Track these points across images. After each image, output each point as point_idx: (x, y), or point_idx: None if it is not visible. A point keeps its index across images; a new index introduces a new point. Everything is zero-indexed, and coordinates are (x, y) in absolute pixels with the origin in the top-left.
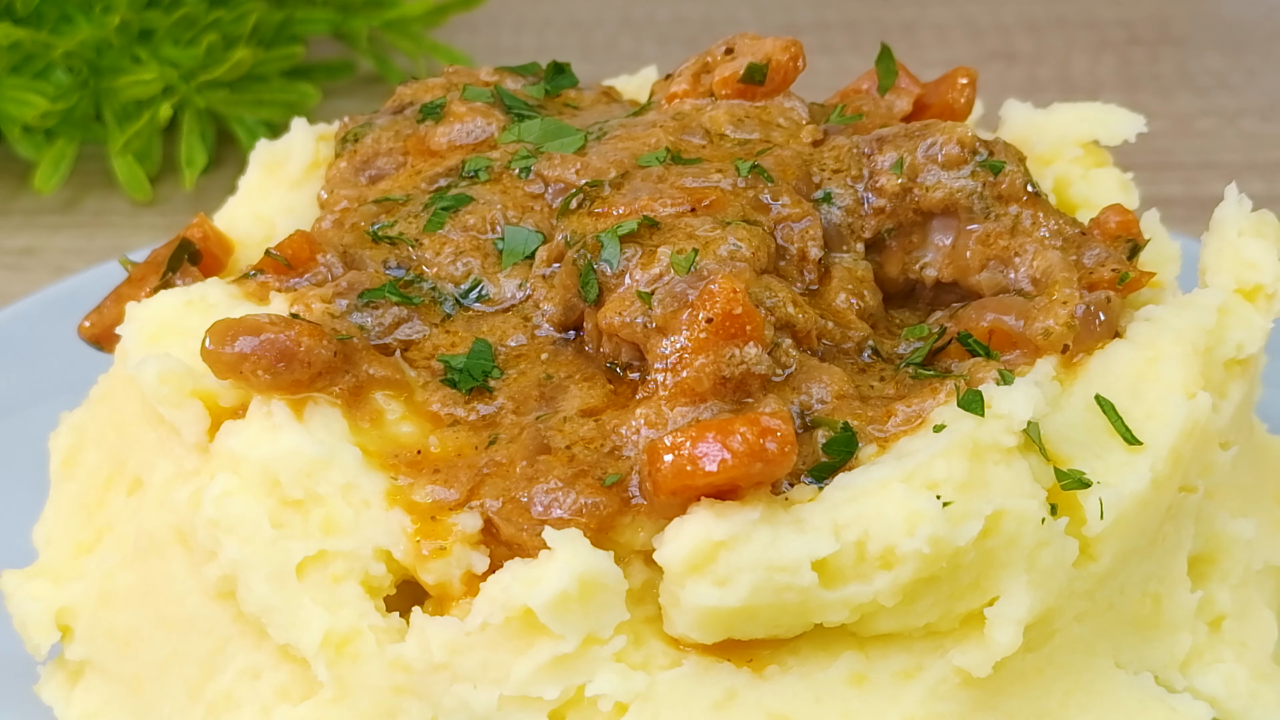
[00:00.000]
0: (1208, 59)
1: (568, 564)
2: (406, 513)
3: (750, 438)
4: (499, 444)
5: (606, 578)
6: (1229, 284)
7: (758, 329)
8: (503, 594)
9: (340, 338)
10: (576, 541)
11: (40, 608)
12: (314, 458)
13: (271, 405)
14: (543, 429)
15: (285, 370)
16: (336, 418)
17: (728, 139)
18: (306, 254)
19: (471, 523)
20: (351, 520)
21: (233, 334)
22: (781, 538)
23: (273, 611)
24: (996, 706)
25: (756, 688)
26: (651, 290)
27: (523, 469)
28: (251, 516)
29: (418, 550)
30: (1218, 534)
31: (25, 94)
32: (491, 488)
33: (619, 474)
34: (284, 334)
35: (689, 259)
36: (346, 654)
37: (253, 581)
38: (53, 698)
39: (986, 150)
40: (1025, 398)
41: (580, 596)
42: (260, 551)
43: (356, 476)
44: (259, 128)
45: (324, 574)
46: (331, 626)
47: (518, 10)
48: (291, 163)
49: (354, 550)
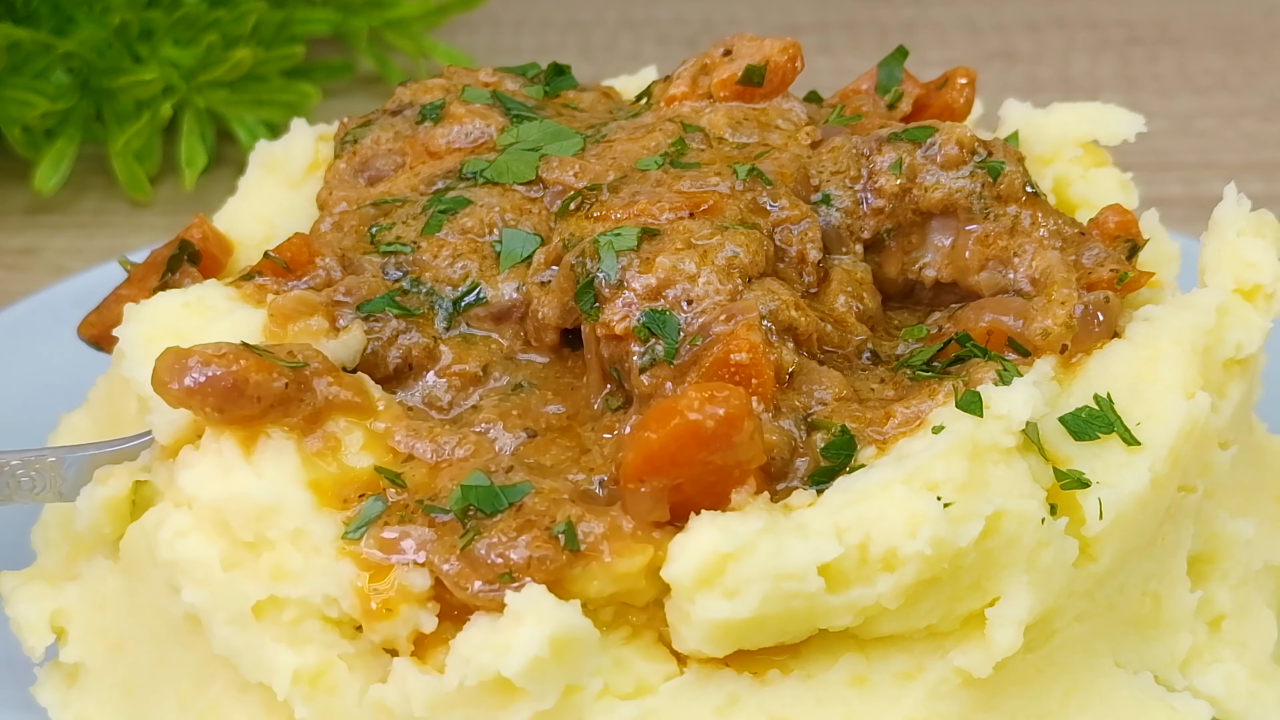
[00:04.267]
0: (1208, 59)
1: (537, 627)
2: (355, 564)
3: (702, 406)
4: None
5: (578, 632)
6: (1228, 284)
7: (766, 385)
8: (474, 657)
9: (294, 365)
10: (541, 601)
11: (35, 610)
12: (262, 503)
13: (221, 442)
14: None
15: (234, 406)
16: (290, 453)
17: (726, 142)
18: (305, 257)
19: (420, 581)
20: (301, 567)
21: (180, 368)
22: (786, 545)
23: (239, 654)
24: (997, 707)
25: (758, 692)
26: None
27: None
28: (205, 559)
29: (365, 605)
30: (1217, 534)
31: (25, 94)
32: (441, 545)
33: (567, 521)
34: (233, 367)
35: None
36: (321, 687)
37: (214, 625)
38: (48, 700)
39: (986, 150)
40: (1024, 398)
41: (554, 656)
42: (216, 595)
43: (306, 522)
44: (259, 128)
45: (280, 617)
46: (300, 665)
47: (518, 10)
48: (291, 163)
49: (304, 597)
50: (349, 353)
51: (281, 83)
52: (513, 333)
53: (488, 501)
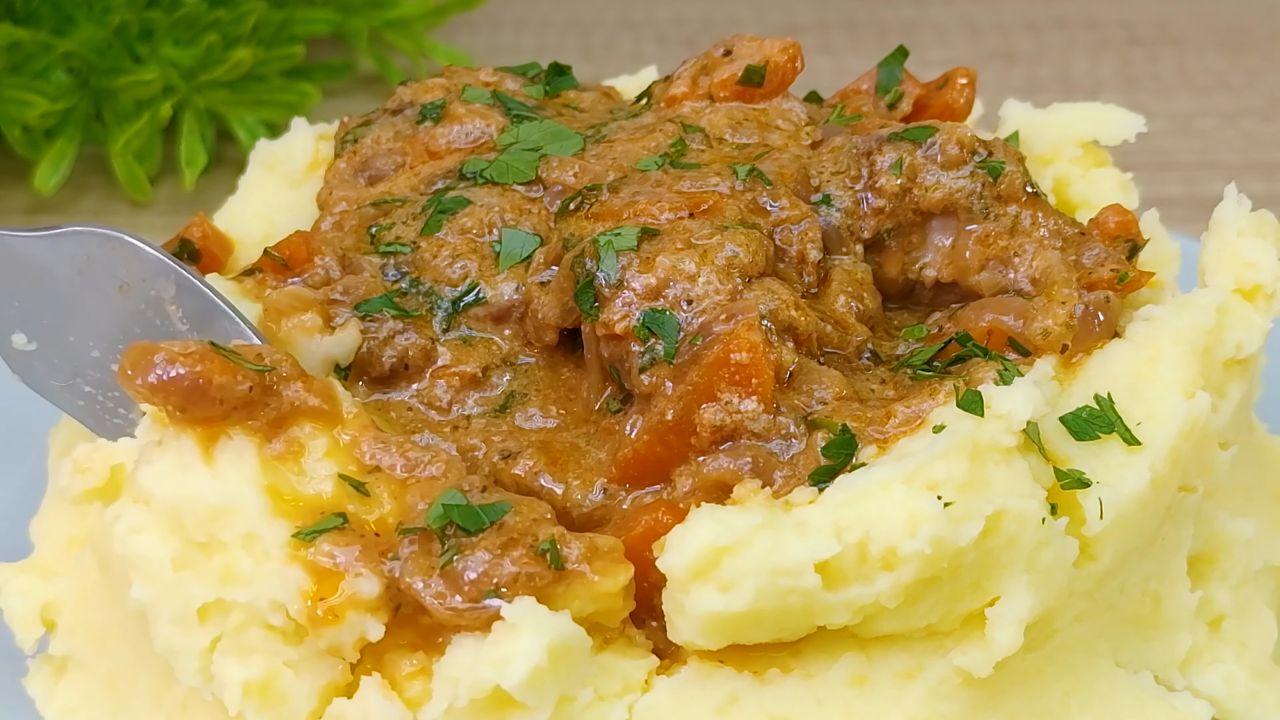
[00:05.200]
0: (1208, 59)
1: (535, 637)
2: (304, 570)
3: None
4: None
5: (574, 640)
6: (1228, 284)
7: (765, 385)
8: (466, 676)
9: (259, 369)
10: (536, 611)
11: (25, 602)
12: (217, 504)
13: (181, 440)
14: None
15: (196, 406)
16: (249, 455)
17: (726, 143)
18: (304, 255)
19: (368, 588)
20: (250, 571)
21: (145, 364)
22: (784, 541)
23: (178, 654)
24: (997, 706)
25: (758, 692)
26: (657, 310)
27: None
28: (157, 556)
29: (312, 612)
30: (1217, 534)
31: (25, 94)
32: (417, 565)
33: (551, 539)
34: (196, 367)
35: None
36: (270, 698)
37: (158, 622)
38: (37, 691)
39: (986, 150)
40: (1024, 398)
41: (552, 666)
42: (163, 593)
43: (259, 526)
44: (259, 128)
45: (225, 622)
46: (248, 678)
47: (518, 10)
48: (291, 163)
49: (251, 602)
50: (343, 350)
51: (281, 83)
52: (512, 333)
53: (469, 520)
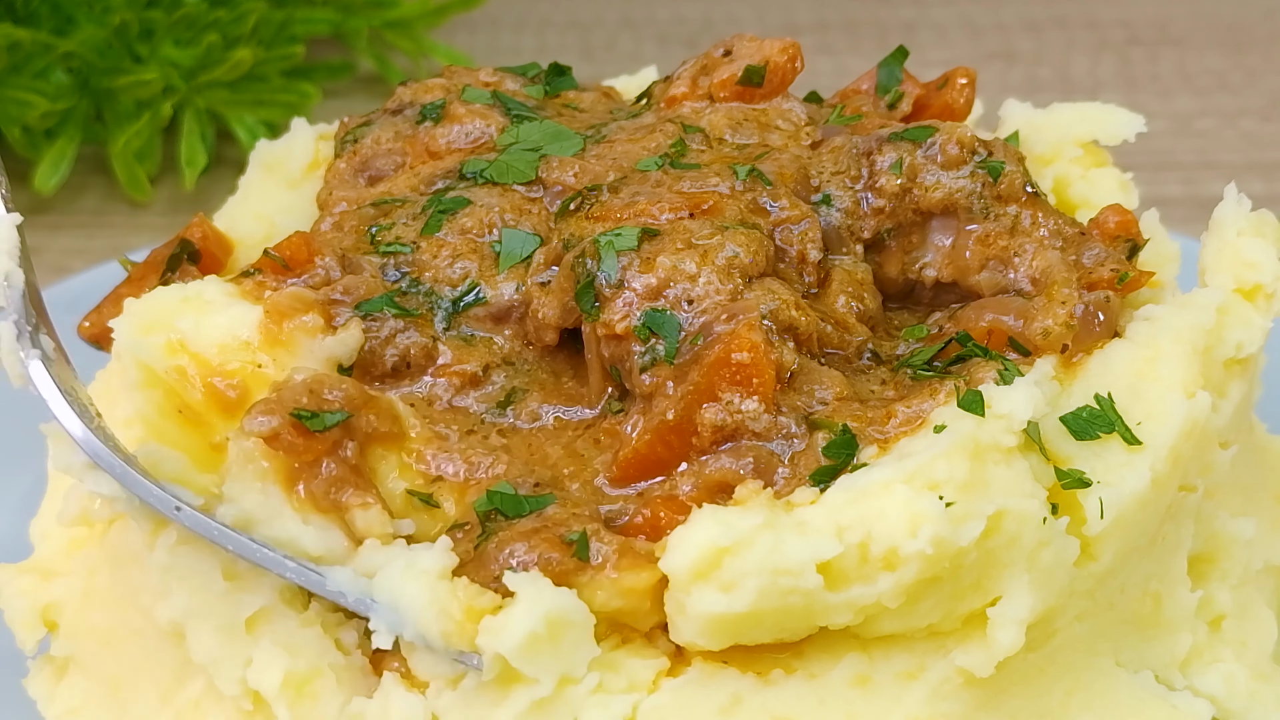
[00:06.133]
0: (1208, 59)
1: (532, 606)
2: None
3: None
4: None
5: (574, 615)
6: (1228, 284)
7: (766, 385)
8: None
9: (336, 419)
10: (538, 583)
11: (26, 603)
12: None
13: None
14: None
15: (291, 453)
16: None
17: (726, 143)
18: (304, 255)
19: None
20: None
21: (251, 410)
22: (785, 541)
23: (220, 663)
24: (998, 706)
25: (761, 692)
26: (658, 310)
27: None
28: (204, 568)
29: None
30: (1217, 533)
31: (25, 94)
32: (457, 546)
33: (583, 531)
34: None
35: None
36: (306, 694)
37: (201, 632)
38: (38, 692)
39: (986, 150)
40: (1025, 397)
41: (549, 636)
42: (210, 604)
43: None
44: (259, 128)
45: (273, 626)
46: (291, 668)
47: (518, 10)
48: (291, 163)
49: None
50: (346, 350)
51: (281, 83)
52: (512, 333)
53: (511, 507)
